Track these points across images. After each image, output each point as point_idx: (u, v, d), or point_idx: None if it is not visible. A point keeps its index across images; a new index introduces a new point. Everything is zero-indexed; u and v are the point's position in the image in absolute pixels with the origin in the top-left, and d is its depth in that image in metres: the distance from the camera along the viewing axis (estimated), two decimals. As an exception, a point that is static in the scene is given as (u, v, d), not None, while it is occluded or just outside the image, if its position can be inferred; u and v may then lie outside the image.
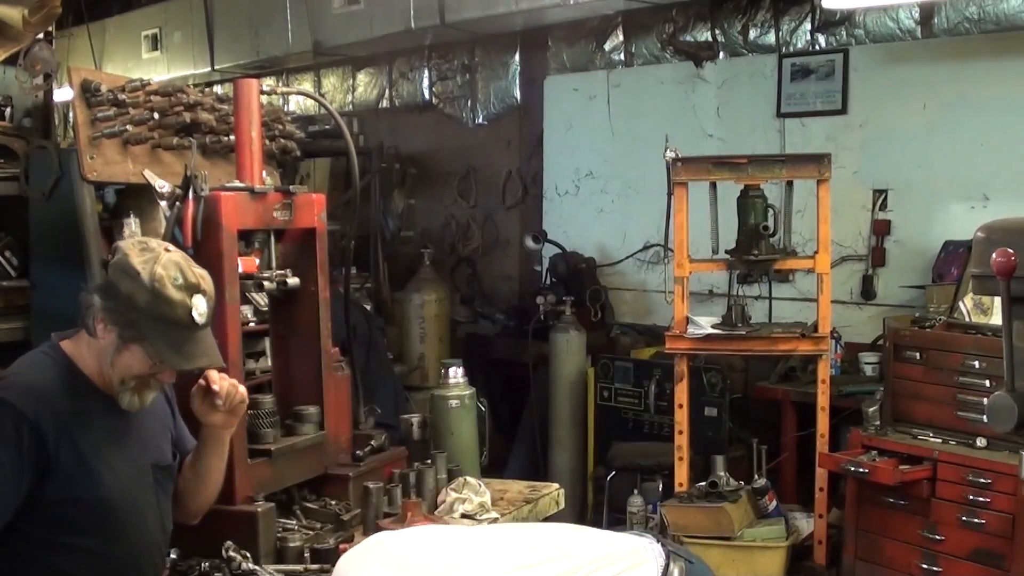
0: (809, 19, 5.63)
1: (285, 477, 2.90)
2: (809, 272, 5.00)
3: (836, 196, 4.80)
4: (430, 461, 3.23)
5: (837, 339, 5.25)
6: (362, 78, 7.97)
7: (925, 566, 4.23)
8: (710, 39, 6.03)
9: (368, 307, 6.03)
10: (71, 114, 3.73)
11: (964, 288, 4.36)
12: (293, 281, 2.92)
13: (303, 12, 7.01)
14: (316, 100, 7.54)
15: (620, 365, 5.82)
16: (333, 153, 7.03)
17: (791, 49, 5.73)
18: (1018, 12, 4.78)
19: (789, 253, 4.75)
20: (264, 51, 7.41)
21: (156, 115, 3.49)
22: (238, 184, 2.85)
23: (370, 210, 6.77)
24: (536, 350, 6.18)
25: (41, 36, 4.03)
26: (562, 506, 3.52)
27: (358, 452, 3.10)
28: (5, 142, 3.97)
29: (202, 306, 2.27)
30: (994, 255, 2.03)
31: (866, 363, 5.19)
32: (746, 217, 4.68)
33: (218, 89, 5.85)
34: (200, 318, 2.27)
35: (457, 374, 3.46)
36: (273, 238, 2.93)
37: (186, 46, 7.96)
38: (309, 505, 2.94)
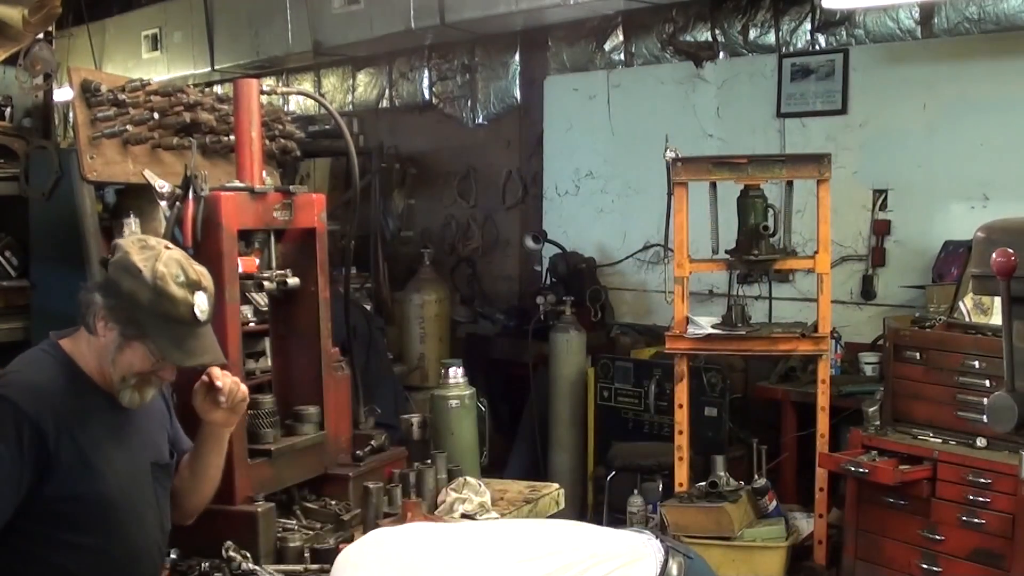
0: (809, 19, 5.63)
1: (285, 477, 2.90)
2: (809, 272, 5.00)
3: (836, 196, 4.80)
4: (430, 461, 3.23)
5: (837, 339, 5.25)
6: (362, 78, 7.97)
7: (925, 566, 4.23)
8: (710, 39, 6.02)
9: (368, 307, 6.03)
10: (71, 114, 3.72)
11: (964, 288, 4.36)
12: (293, 281, 2.92)
13: (303, 12, 7.01)
14: (316, 100, 7.54)
15: (620, 365, 5.82)
16: (333, 153, 7.03)
17: (791, 49, 5.73)
18: (1018, 12, 4.78)
19: (789, 253, 4.75)
20: (264, 51, 7.41)
21: (156, 115, 3.49)
22: (238, 184, 2.85)
23: (370, 210, 6.77)
24: (536, 350, 6.18)
25: (41, 36, 4.02)
26: (562, 506, 3.52)
27: (358, 452, 3.10)
28: (5, 142, 3.97)
29: (203, 303, 2.28)
30: (994, 255, 2.03)
31: (866, 363, 5.19)
32: (746, 217, 4.68)
33: (218, 89, 5.84)
34: (202, 315, 2.28)
35: (457, 374, 3.47)
36: (273, 238, 2.93)
37: (186, 46, 7.96)
38: (309, 505, 2.94)
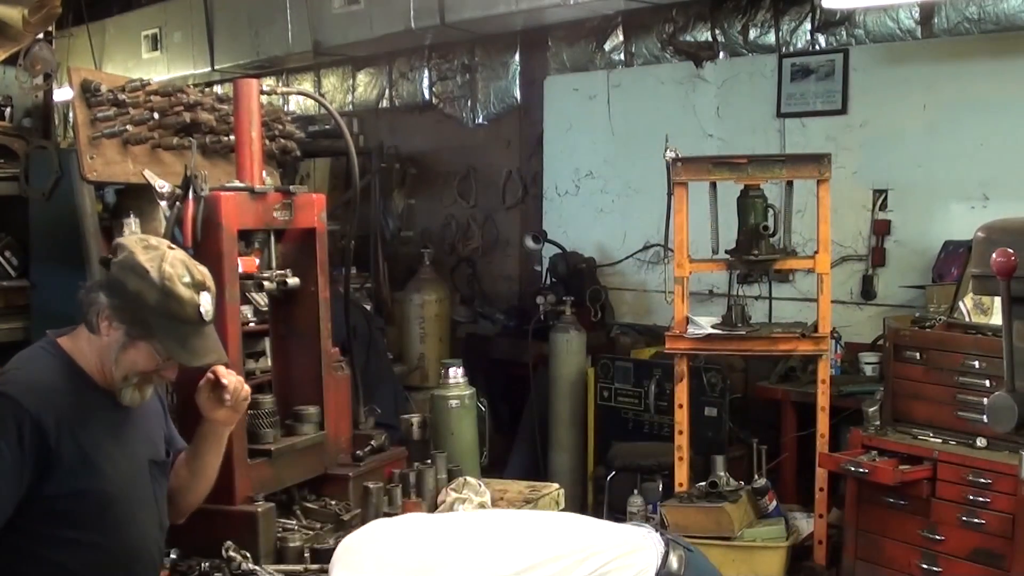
0: (809, 19, 5.63)
1: (285, 477, 2.90)
2: (809, 272, 5.00)
3: (836, 196, 4.80)
4: (430, 461, 3.23)
5: (837, 339, 5.25)
6: (362, 78, 7.97)
7: (925, 566, 4.23)
8: (710, 39, 6.02)
9: (368, 307, 6.03)
10: (71, 114, 3.72)
11: (964, 288, 4.36)
12: (293, 281, 2.92)
13: (303, 12, 7.01)
14: (316, 100, 7.54)
15: (620, 365, 5.82)
16: (333, 153, 7.03)
17: (791, 49, 5.73)
18: (1018, 12, 4.78)
19: (789, 253, 4.75)
20: (264, 51, 7.41)
21: (156, 115, 3.49)
22: (238, 184, 2.85)
23: (370, 210, 6.77)
24: (536, 350, 6.17)
25: (41, 36, 4.03)
26: (562, 506, 3.52)
27: (358, 452, 3.10)
28: (5, 142, 3.97)
29: (208, 303, 2.30)
30: (994, 255, 2.03)
31: (866, 363, 5.19)
32: (746, 217, 4.68)
33: (218, 89, 5.84)
34: (207, 315, 2.30)
35: (457, 374, 3.47)
36: (273, 238, 2.93)
37: (186, 46, 7.96)
38: (309, 505, 2.94)
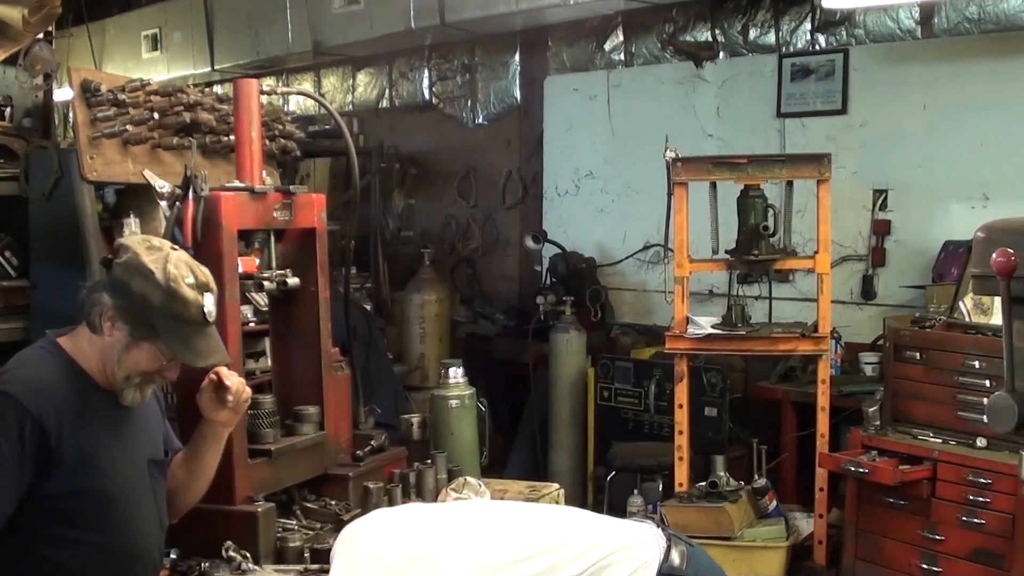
0: (809, 19, 5.63)
1: (285, 477, 2.90)
2: (809, 272, 4.99)
3: (836, 196, 4.79)
4: (430, 461, 3.23)
5: (837, 339, 5.25)
6: (362, 78, 7.97)
7: (925, 566, 4.23)
8: (710, 39, 6.02)
9: (368, 307, 6.03)
10: (71, 114, 3.72)
11: (964, 288, 4.36)
12: (293, 281, 2.93)
13: (303, 12, 7.01)
14: (316, 100, 7.54)
15: (620, 365, 5.82)
16: (333, 153, 7.03)
17: (791, 49, 5.73)
18: (1018, 12, 4.78)
19: (789, 253, 4.75)
20: (264, 51, 7.40)
21: (156, 115, 3.48)
22: (238, 184, 2.85)
23: (370, 210, 6.76)
24: (536, 350, 6.17)
25: (41, 36, 4.02)
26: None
27: (358, 452, 3.10)
28: (5, 142, 3.97)
29: (211, 304, 2.32)
30: (994, 255, 2.03)
31: (866, 363, 5.19)
32: (746, 217, 4.68)
33: (218, 89, 5.84)
34: (210, 316, 2.32)
35: (457, 374, 3.47)
36: (273, 238, 2.94)
37: (186, 46, 7.96)
38: (309, 505, 2.94)
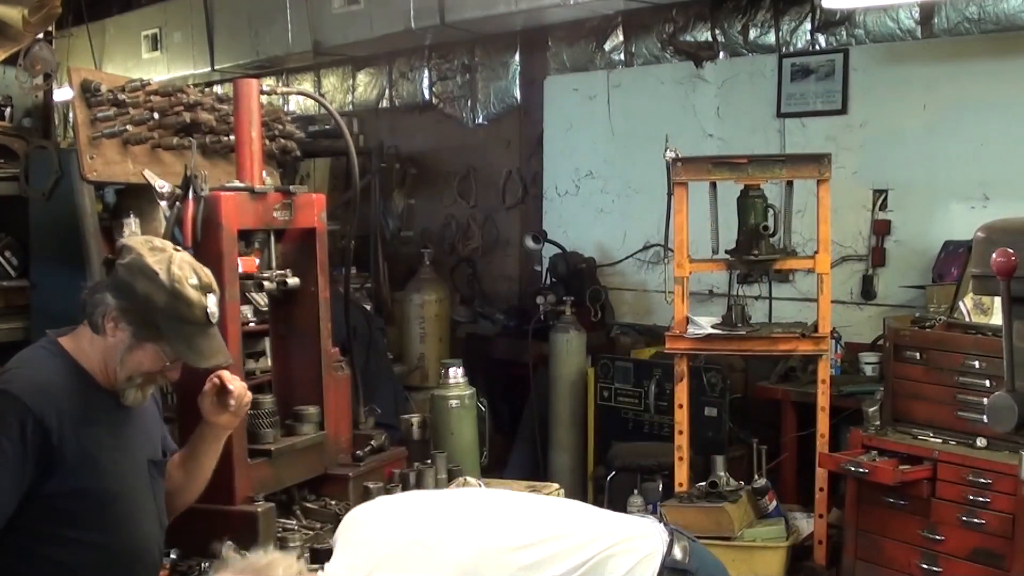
0: (809, 19, 5.62)
1: (285, 477, 2.90)
2: (809, 272, 4.99)
3: (836, 196, 4.79)
4: (430, 461, 3.23)
5: (837, 339, 5.25)
6: (362, 78, 7.97)
7: (925, 566, 4.23)
8: (710, 39, 6.02)
9: (368, 307, 6.03)
10: (71, 114, 3.72)
11: (964, 288, 4.36)
12: (293, 281, 2.93)
13: (303, 12, 7.01)
14: (316, 100, 7.54)
15: (620, 365, 5.82)
16: (333, 153, 7.02)
17: (791, 49, 5.72)
18: (1018, 12, 4.77)
19: (789, 253, 4.75)
20: (264, 51, 7.40)
21: (156, 115, 3.48)
22: (238, 184, 2.85)
23: (370, 210, 6.76)
24: (536, 350, 6.17)
25: (41, 36, 4.02)
26: (562, 506, 3.51)
27: (358, 452, 3.10)
28: (5, 142, 3.97)
29: (214, 305, 2.33)
30: (994, 255, 2.03)
31: (866, 363, 5.19)
32: (746, 217, 4.67)
33: (218, 89, 5.84)
34: (213, 317, 2.33)
35: (457, 374, 3.47)
36: (273, 238, 2.94)
37: (186, 46, 7.96)
38: (309, 505, 2.94)
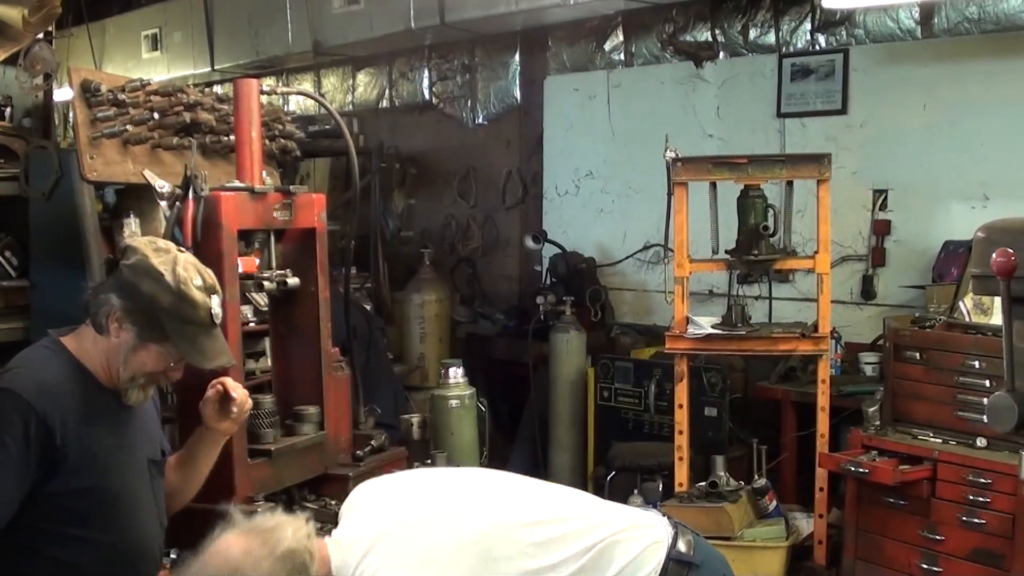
0: (809, 19, 5.62)
1: (285, 477, 2.90)
2: (809, 272, 4.99)
3: (836, 196, 4.79)
4: (430, 461, 3.23)
5: (837, 339, 5.24)
6: (362, 78, 7.97)
7: (925, 566, 4.23)
8: (710, 39, 6.02)
9: (368, 307, 6.03)
10: (71, 114, 3.73)
11: (964, 288, 4.35)
12: (293, 281, 2.93)
13: (303, 12, 7.01)
14: (316, 100, 7.53)
15: (620, 365, 5.81)
16: (333, 153, 7.02)
17: (791, 49, 5.72)
18: (1018, 12, 4.77)
19: (789, 253, 4.74)
20: (264, 51, 7.40)
21: (156, 115, 3.49)
22: (238, 184, 2.86)
23: (370, 210, 6.76)
24: (536, 350, 6.17)
25: (41, 36, 4.03)
26: (562, 506, 3.51)
27: (358, 452, 3.11)
28: (5, 142, 3.97)
29: (217, 306, 2.35)
30: (994, 255, 2.03)
31: (866, 363, 5.19)
32: (746, 217, 4.67)
33: (218, 89, 5.84)
34: (217, 318, 2.35)
35: (457, 374, 3.48)
36: (273, 238, 2.94)
37: (186, 46, 7.96)
38: (309, 505, 2.94)
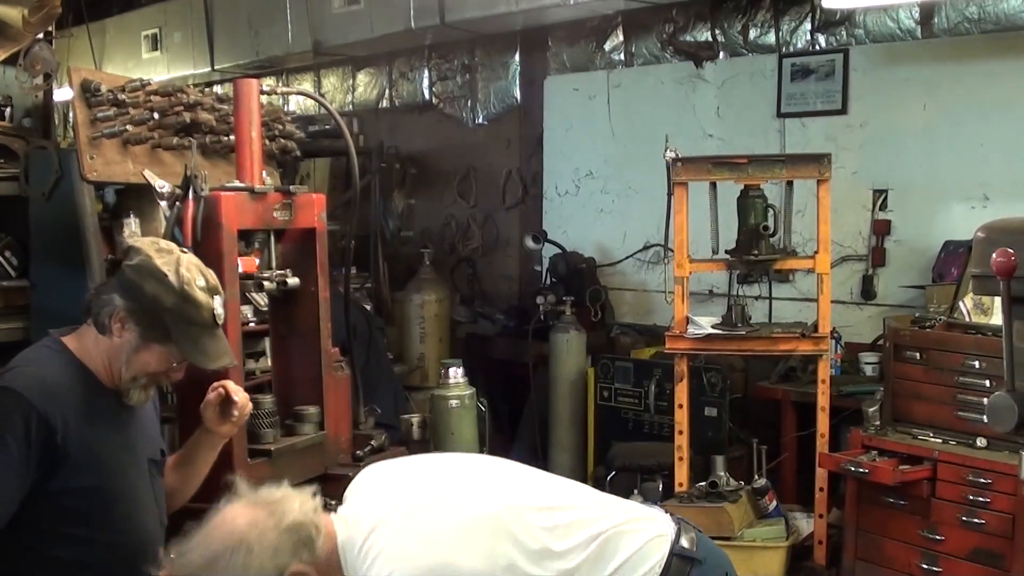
0: (809, 19, 5.62)
1: (285, 477, 2.89)
2: (809, 272, 4.99)
3: (836, 196, 4.79)
4: (430, 461, 3.23)
5: (837, 339, 5.24)
6: (362, 78, 7.97)
7: (925, 566, 4.23)
8: (710, 39, 6.02)
9: (368, 307, 6.03)
10: (71, 114, 3.73)
11: (964, 288, 4.36)
12: (293, 281, 2.93)
13: (303, 12, 7.01)
14: (316, 100, 7.53)
15: (620, 365, 5.81)
16: (333, 153, 7.02)
17: (791, 49, 5.72)
18: (1018, 12, 4.77)
19: (789, 253, 4.75)
20: (264, 51, 7.40)
21: (156, 115, 3.49)
22: (238, 184, 2.86)
23: (370, 210, 6.76)
24: (536, 350, 6.17)
25: (41, 36, 4.03)
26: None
27: (358, 452, 3.11)
28: (5, 142, 3.97)
29: (220, 307, 2.35)
30: (994, 255, 2.03)
31: (866, 363, 5.19)
32: (746, 217, 4.67)
33: (218, 89, 5.84)
34: (219, 318, 2.35)
35: (457, 374, 3.48)
36: (273, 238, 2.94)
37: (186, 46, 7.96)
38: (309, 505, 2.93)
